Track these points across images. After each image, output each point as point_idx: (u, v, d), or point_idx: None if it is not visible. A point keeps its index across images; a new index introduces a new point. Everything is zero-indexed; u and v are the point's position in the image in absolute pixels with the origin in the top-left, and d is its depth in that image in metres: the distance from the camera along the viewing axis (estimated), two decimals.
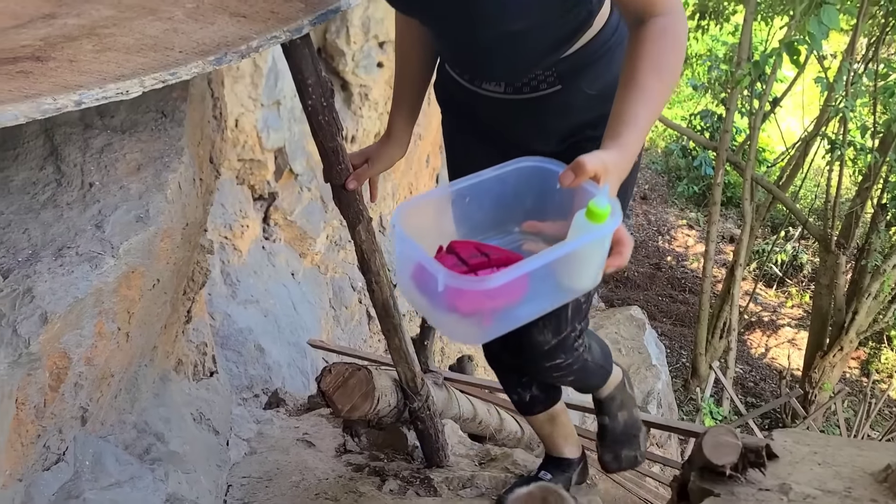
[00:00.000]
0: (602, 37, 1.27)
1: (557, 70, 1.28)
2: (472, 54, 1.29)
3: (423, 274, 0.98)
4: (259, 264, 3.65)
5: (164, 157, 1.36)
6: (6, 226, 1.17)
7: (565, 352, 1.52)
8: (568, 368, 1.56)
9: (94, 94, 0.87)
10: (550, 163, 1.06)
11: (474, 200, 1.08)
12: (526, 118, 1.36)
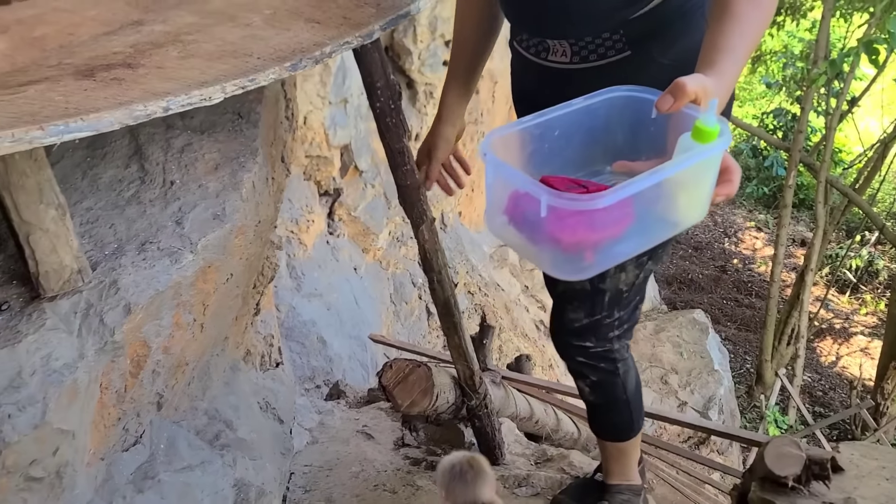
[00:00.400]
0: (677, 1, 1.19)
1: (626, 33, 1.20)
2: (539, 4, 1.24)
3: (520, 203, 0.91)
4: (323, 258, 3.74)
5: (239, 158, 1.42)
6: (94, 220, 1.25)
7: (597, 337, 1.47)
8: (596, 360, 1.50)
9: (180, 100, 0.93)
10: (645, 91, 0.97)
11: (563, 134, 1.00)
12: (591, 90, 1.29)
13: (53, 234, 1.06)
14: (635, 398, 1.60)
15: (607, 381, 1.54)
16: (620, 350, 1.52)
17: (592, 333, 1.47)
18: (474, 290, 4.94)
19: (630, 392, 1.57)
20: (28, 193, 1.03)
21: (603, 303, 1.43)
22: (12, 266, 1.15)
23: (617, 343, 1.50)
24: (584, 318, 1.45)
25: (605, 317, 1.45)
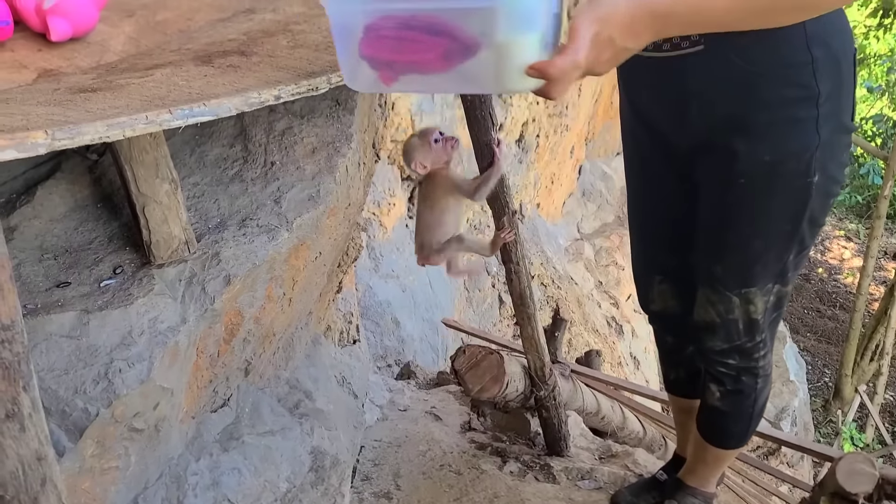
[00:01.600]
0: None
1: None
2: None
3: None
4: (402, 241, 3.82)
5: (335, 142, 1.48)
6: (201, 195, 1.34)
7: (741, 356, 1.44)
8: (739, 373, 1.46)
9: (290, 89, 0.99)
10: None
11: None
12: (666, 88, 1.22)
13: (166, 206, 1.15)
14: (759, 413, 1.56)
15: (743, 392, 1.50)
16: (766, 367, 1.47)
17: (736, 353, 1.43)
18: (547, 283, 4.95)
19: (758, 406, 1.54)
20: (146, 168, 1.12)
21: (738, 331, 1.38)
22: (126, 233, 1.24)
23: (762, 361, 1.46)
24: (723, 344, 1.42)
25: (747, 341, 1.41)
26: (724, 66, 1.11)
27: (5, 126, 0.69)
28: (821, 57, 1.07)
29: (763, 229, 1.24)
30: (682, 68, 1.15)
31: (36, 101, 0.84)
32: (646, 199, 1.52)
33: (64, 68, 1.07)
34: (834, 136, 1.13)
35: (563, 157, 5.45)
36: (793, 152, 1.14)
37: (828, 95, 1.09)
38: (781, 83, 1.09)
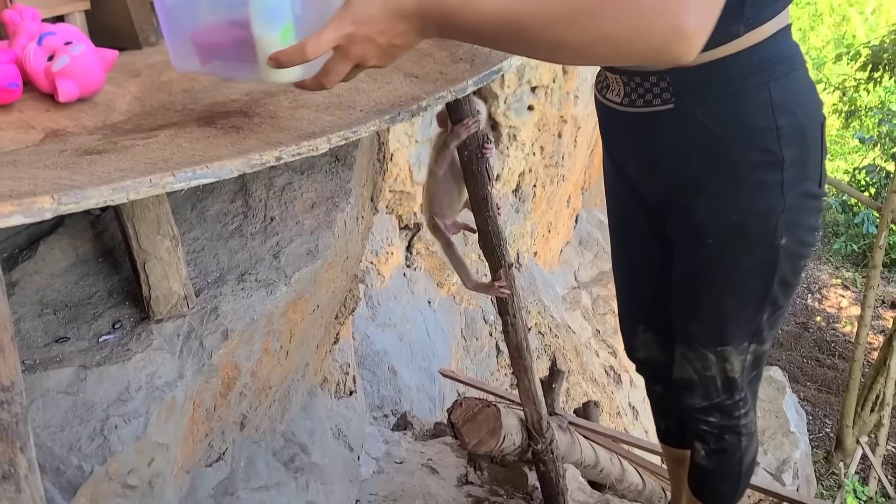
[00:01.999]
0: (741, 62, 1.07)
1: (673, 81, 1.11)
2: None
3: None
4: (399, 290, 3.83)
5: (334, 197, 1.51)
6: (201, 250, 1.35)
7: (722, 414, 1.43)
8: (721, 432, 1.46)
9: (291, 150, 1.01)
10: None
11: None
12: (638, 143, 1.24)
13: (166, 262, 1.16)
14: (748, 471, 1.55)
15: (728, 451, 1.48)
16: (748, 425, 1.46)
17: (716, 410, 1.43)
18: (545, 331, 4.94)
19: (745, 465, 1.52)
20: (148, 225, 1.13)
21: (717, 388, 1.38)
22: (126, 288, 1.26)
23: (744, 419, 1.45)
24: (702, 402, 1.42)
25: (726, 399, 1.40)
26: (692, 126, 1.12)
27: (13, 191, 0.71)
28: (785, 125, 1.09)
29: (734, 289, 1.25)
30: (652, 125, 1.18)
31: (43, 163, 0.86)
32: (626, 249, 1.54)
33: (70, 128, 1.09)
34: (800, 202, 1.15)
35: (560, 206, 5.50)
36: (759, 214, 1.15)
37: (792, 162, 1.11)
38: (746, 147, 1.11)
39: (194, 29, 0.98)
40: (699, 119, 1.11)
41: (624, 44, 0.77)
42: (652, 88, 1.15)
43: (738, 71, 1.07)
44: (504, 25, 0.82)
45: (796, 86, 1.10)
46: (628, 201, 1.43)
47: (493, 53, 1.55)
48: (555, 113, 4.58)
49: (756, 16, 1.04)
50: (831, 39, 13.73)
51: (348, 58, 0.88)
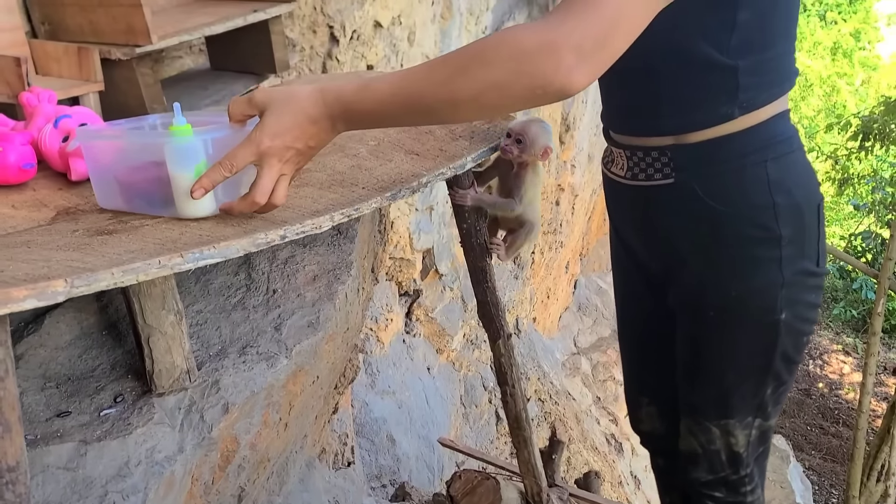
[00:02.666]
0: (739, 141, 1.11)
1: (674, 157, 1.16)
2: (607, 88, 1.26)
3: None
4: (398, 357, 3.82)
5: (335, 270, 1.54)
6: (203, 323, 1.37)
7: (727, 489, 1.41)
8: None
9: (295, 228, 1.04)
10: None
11: None
12: (639, 215, 1.29)
13: (170, 336, 1.18)
14: None
15: None
16: (755, 502, 1.44)
17: (722, 485, 1.41)
18: (545, 398, 4.90)
19: None
20: (153, 300, 1.16)
21: (722, 462, 1.38)
22: (129, 361, 1.27)
23: (751, 496, 1.43)
24: (707, 475, 1.41)
25: (731, 474, 1.39)
26: (691, 200, 1.16)
27: (28, 275, 0.74)
28: (782, 203, 1.12)
29: (735, 362, 1.26)
30: (653, 198, 1.22)
31: (56, 244, 0.89)
32: (630, 320, 1.56)
33: (82, 206, 1.13)
34: (799, 278, 1.17)
35: (559, 272, 5.53)
36: (758, 289, 1.18)
37: (790, 239, 1.14)
38: (745, 223, 1.14)
39: (117, 169, 1.06)
40: (698, 194, 1.15)
41: (511, 86, 0.82)
42: (653, 163, 1.20)
43: (737, 150, 1.12)
44: (402, 100, 0.89)
45: (794, 166, 1.14)
46: (633, 273, 1.46)
47: (490, 130, 1.61)
48: (552, 181, 4.66)
49: (751, 100, 1.10)
50: (822, 109, 14.05)
51: (272, 169, 0.95)
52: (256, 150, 0.92)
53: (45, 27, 1.63)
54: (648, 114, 1.17)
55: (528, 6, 4.15)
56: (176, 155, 0.97)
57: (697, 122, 1.12)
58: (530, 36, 0.80)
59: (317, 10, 2.34)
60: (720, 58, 1.06)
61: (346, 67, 2.54)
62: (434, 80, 0.87)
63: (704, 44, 1.05)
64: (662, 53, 1.08)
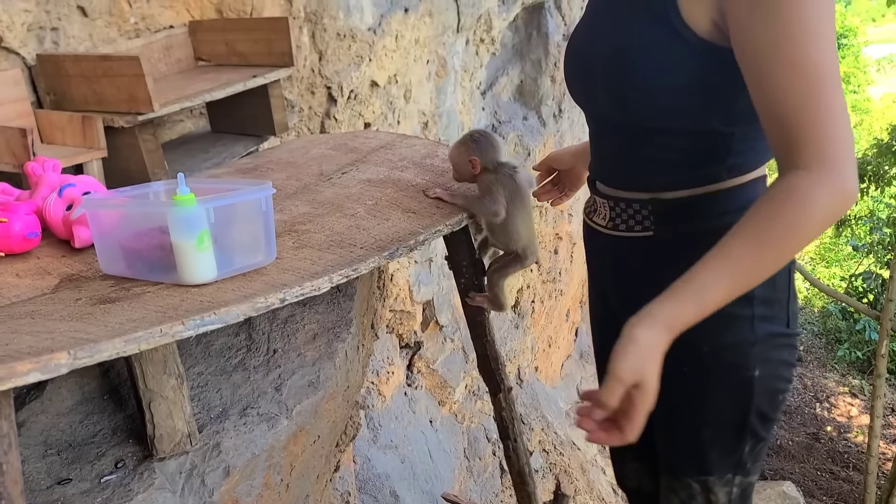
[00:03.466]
0: (719, 201, 1.14)
1: (655, 209, 1.18)
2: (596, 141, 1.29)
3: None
4: (400, 410, 3.80)
5: (335, 328, 1.55)
6: (204, 385, 1.38)
7: None
8: None
9: (295, 291, 1.06)
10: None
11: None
12: (617, 263, 1.31)
13: (171, 401, 1.19)
14: None
15: None
16: None
17: None
18: (549, 449, 4.85)
19: None
20: (154, 364, 1.17)
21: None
22: (130, 426, 1.27)
23: None
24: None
25: None
26: (668, 254, 1.19)
27: (32, 347, 0.75)
28: None
29: (710, 419, 1.25)
30: (632, 249, 1.24)
31: (59, 314, 0.91)
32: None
33: (84, 273, 1.15)
34: (771, 338, 1.18)
35: (559, 320, 5.52)
36: (730, 346, 1.18)
37: (762, 299, 1.16)
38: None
39: (121, 236, 1.10)
40: (674, 249, 1.18)
41: (822, 229, 0.95)
42: (635, 215, 1.22)
43: (716, 208, 1.15)
44: (737, 293, 0.99)
45: None
46: (609, 324, 1.46)
47: None
48: (550, 230, 4.69)
49: (740, 165, 1.13)
50: None
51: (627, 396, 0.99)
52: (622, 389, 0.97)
53: (50, 97, 1.68)
54: (639, 171, 1.20)
55: (521, 61, 4.25)
56: (179, 223, 1.00)
57: (684, 182, 1.15)
58: (823, 196, 0.92)
59: (315, 72, 2.40)
60: (718, 125, 1.10)
61: (344, 126, 2.59)
62: (764, 265, 0.97)
63: (708, 112, 1.09)
64: (663, 116, 1.11)
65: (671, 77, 1.05)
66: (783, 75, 0.93)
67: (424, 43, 3.07)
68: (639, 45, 1.06)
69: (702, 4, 1.01)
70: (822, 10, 0.92)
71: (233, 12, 2.15)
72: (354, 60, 2.55)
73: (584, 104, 1.30)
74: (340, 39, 2.47)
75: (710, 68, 1.04)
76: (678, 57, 1.04)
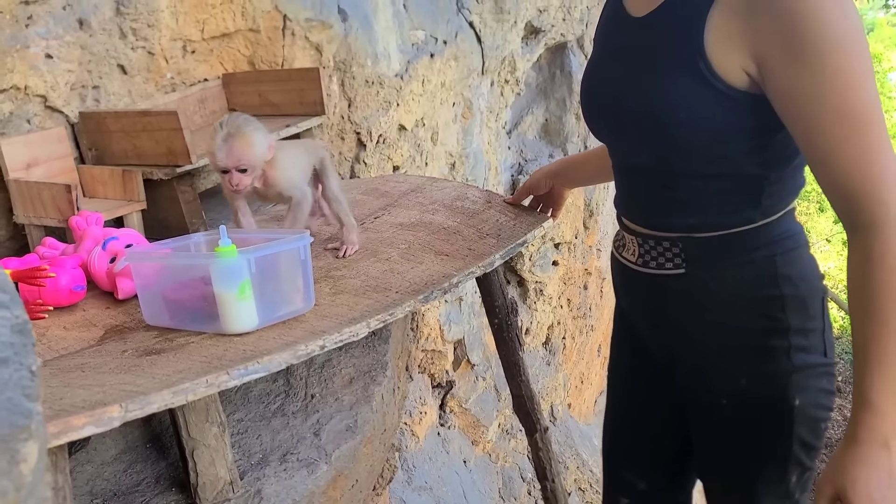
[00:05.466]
0: (751, 237, 1.15)
1: (686, 248, 1.19)
2: (624, 179, 1.29)
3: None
4: (434, 450, 3.77)
5: (371, 372, 1.56)
6: (244, 431, 1.39)
7: None
8: None
9: (334, 338, 1.08)
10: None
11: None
12: (649, 302, 1.30)
13: (213, 449, 1.20)
14: None
15: None
16: None
17: None
18: (585, 488, 4.77)
19: None
20: (197, 413, 1.18)
21: None
22: (173, 474, 1.29)
23: None
24: None
25: None
26: (701, 290, 1.19)
27: (85, 401, 0.77)
28: (790, 295, 1.15)
29: (753, 450, 1.24)
30: (663, 287, 1.24)
31: (108, 367, 0.93)
32: (626, 412, 1.53)
33: (128, 324, 1.18)
34: (808, 368, 1.18)
35: (591, 356, 5.47)
36: (767, 377, 1.18)
37: (797, 330, 1.16)
38: (753, 313, 1.16)
39: (164, 287, 1.14)
40: (708, 285, 1.18)
41: None
42: (665, 252, 1.22)
43: (748, 244, 1.15)
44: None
45: (800, 260, 1.17)
46: (636, 361, 1.44)
47: (516, 226, 1.65)
48: (579, 266, 4.68)
49: (772, 206, 1.14)
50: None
51: None
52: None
53: (92, 152, 1.73)
54: (670, 212, 1.20)
55: (546, 100, 4.29)
56: (221, 274, 1.02)
57: (716, 224, 1.16)
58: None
59: (344, 119, 2.46)
60: (752, 169, 1.11)
61: (374, 169, 2.64)
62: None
63: (743, 157, 1.10)
64: (698, 163, 1.12)
65: (706, 126, 1.06)
66: (832, 123, 0.95)
67: (450, 86, 3.12)
68: (672, 100, 1.06)
69: (733, 56, 1.01)
70: (862, 55, 0.94)
71: (265, 64, 2.22)
72: (383, 106, 2.60)
73: (611, 145, 1.31)
74: (369, 86, 2.52)
75: (743, 115, 1.05)
76: (711, 106, 1.04)
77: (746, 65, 1.00)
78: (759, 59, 0.99)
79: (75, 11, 1.72)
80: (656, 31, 1.10)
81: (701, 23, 1.02)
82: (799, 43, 0.94)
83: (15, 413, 0.59)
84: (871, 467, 0.96)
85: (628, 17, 1.17)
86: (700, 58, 1.03)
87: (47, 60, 1.67)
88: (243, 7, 2.13)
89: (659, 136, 1.10)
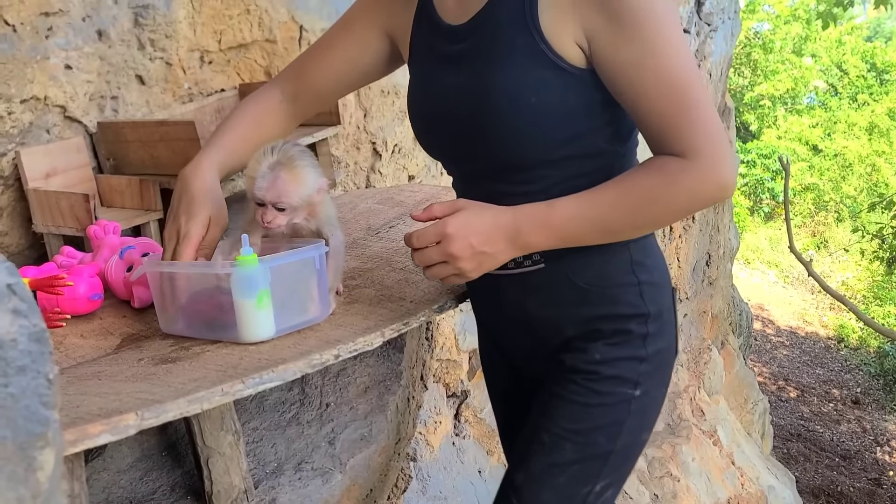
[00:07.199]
0: None
1: None
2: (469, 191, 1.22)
3: None
4: (448, 460, 3.76)
5: (386, 381, 1.56)
6: (259, 440, 1.39)
7: None
8: None
9: (348, 347, 1.08)
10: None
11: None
12: (510, 304, 1.26)
13: (228, 457, 1.21)
14: None
15: None
16: None
17: None
18: None
19: None
20: (212, 421, 1.19)
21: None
22: (188, 482, 1.29)
23: None
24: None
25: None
26: (562, 283, 1.19)
27: (102, 409, 0.78)
28: (645, 281, 1.18)
29: (578, 432, 1.18)
30: (524, 285, 1.22)
31: (124, 375, 0.94)
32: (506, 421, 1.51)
33: (144, 332, 1.18)
34: (658, 356, 1.20)
35: None
36: (622, 358, 1.18)
37: (654, 316, 1.19)
38: (614, 301, 1.17)
39: (182, 295, 1.13)
40: (568, 277, 1.18)
41: (686, 210, 1.07)
42: None
43: None
44: (589, 220, 1.07)
45: (650, 248, 1.22)
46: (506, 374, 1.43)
47: None
48: None
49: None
50: (864, 188, 13.92)
51: (445, 252, 1.08)
52: (442, 232, 1.07)
53: (110, 162, 1.75)
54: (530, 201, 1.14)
55: None
56: (241, 283, 1.03)
57: None
58: (690, 179, 1.02)
59: (360, 129, 2.46)
60: (604, 145, 1.13)
61: (389, 179, 2.64)
62: (621, 208, 1.06)
63: (596, 134, 1.12)
64: (551, 146, 1.11)
65: (558, 108, 1.07)
66: (651, 85, 1.02)
67: None
68: (521, 86, 1.07)
69: (567, 34, 1.05)
70: (674, 26, 1.04)
71: None
72: (398, 115, 2.60)
73: (451, 156, 1.27)
74: (384, 96, 2.53)
75: (590, 91, 1.08)
76: (559, 86, 1.07)
77: (580, 40, 1.05)
78: (589, 33, 1.04)
79: (94, 23, 1.74)
80: (487, 28, 1.11)
81: (534, 5, 1.06)
82: (620, 15, 1.01)
83: (32, 421, 0.60)
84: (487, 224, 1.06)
85: (449, 27, 1.17)
86: (541, 40, 1.06)
87: (67, 71, 1.69)
88: (260, 18, 2.14)
89: (508, 129, 1.10)
